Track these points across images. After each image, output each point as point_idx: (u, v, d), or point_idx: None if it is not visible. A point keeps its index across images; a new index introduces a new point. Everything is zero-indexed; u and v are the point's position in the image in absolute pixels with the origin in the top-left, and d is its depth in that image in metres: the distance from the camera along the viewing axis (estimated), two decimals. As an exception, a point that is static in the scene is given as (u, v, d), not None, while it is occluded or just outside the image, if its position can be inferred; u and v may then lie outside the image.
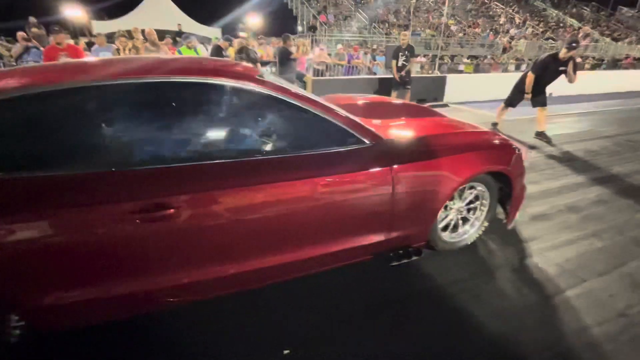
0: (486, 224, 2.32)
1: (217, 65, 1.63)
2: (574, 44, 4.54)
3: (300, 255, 1.65)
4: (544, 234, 2.51)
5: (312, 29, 16.11)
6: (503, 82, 6.12)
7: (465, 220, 2.29)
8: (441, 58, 16.05)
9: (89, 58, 4.37)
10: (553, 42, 19.73)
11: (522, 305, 1.85)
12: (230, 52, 6.56)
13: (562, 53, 4.62)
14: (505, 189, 2.25)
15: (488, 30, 21.86)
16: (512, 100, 5.32)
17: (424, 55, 15.51)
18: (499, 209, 2.40)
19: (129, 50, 5.34)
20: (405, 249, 1.96)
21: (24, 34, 6.05)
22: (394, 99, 3.13)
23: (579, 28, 23.22)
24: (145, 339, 1.58)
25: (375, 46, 14.14)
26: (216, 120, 1.54)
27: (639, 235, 2.51)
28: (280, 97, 1.55)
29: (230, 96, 1.50)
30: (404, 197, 1.79)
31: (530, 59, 17.61)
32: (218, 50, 6.14)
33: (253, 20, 22.21)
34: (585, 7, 30.03)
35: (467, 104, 8.06)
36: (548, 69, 4.76)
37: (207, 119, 1.51)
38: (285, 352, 1.52)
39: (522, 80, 5.09)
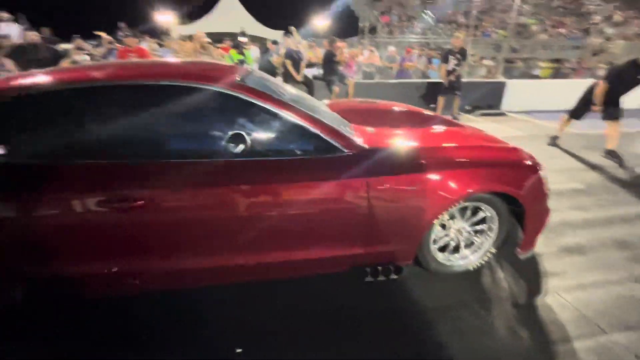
0: (493, 250, 2.07)
1: (198, 70, 1.73)
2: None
3: (266, 258, 1.67)
4: (570, 270, 2.15)
5: (372, 30, 15.89)
6: (579, 90, 5.24)
7: (470, 243, 2.08)
8: (512, 61, 14.61)
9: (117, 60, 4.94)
10: (662, 43, 16.57)
11: (511, 350, 1.62)
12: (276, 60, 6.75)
13: (644, 59, 3.88)
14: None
15: (576, 31, 19.25)
16: (578, 112, 4.64)
17: (492, 58, 14.26)
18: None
19: (184, 52, 5.90)
20: (385, 266, 1.84)
21: (109, 37, 7.04)
22: (408, 106, 2.92)
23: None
24: (124, 319, 1.75)
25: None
26: (188, 120, 1.61)
27: None
28: (255, 102, 1.58)
29: (203, 100, 1.57)
30: (382, 211, 1.70)
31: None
32: (289, 54, 6.17)
33: (318, 22, 22.73)
34: None
35: (530, 113, 7.20)
36: (625, 78, 4.04)
37: (181, 121, 1.60)
38: (238, 351, 1.56)
39: (590, 90, 4.40)
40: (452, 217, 1.96)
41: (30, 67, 4.84)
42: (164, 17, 21.10)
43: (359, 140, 1.72)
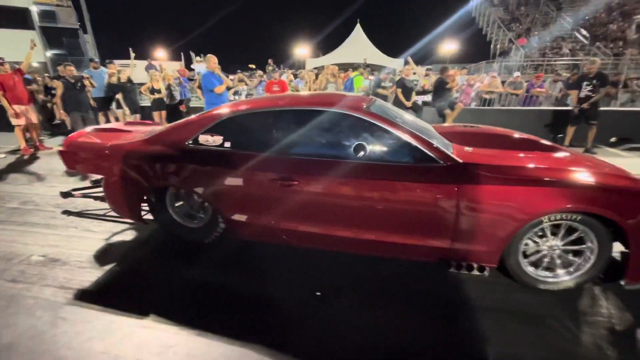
0: (587, 276, 2.04)
1: (335, 99, 2.45)
2: None
3: (375, 237, 2.20)
4: None
5: (503, 54, 14.77)
6: None
7: (568, 263, 2.10)
8: None
9: (284, 93, 6.31)
10: None
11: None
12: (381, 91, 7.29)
13: None
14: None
15: None
16: None
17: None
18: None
19: (313, 81, 7.15)
20: (470, 264, 2.12)
21: (260, 71, 9.12)
22: (513, 131, 2.93)
23: None
24: (250, 253, 2.58)
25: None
26: (333, 134, 2.27)
27: None
28: (375, 122, 2.18)
29: (340, 120, 2.25)
30: (468, 214, 1.98)
31: None
32: (400, 83, 6.79)
33: (448, 47, 22.38)
34: None
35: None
36: None
37: (328, 134, 2.28)
38: (317, 293, 2.13)
39: None
40: (543, 235, 2.06)
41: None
42: (301, 51, 24.91)
43: (454, 155, 2.09)
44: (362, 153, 2.13)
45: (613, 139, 6.44)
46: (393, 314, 1.98)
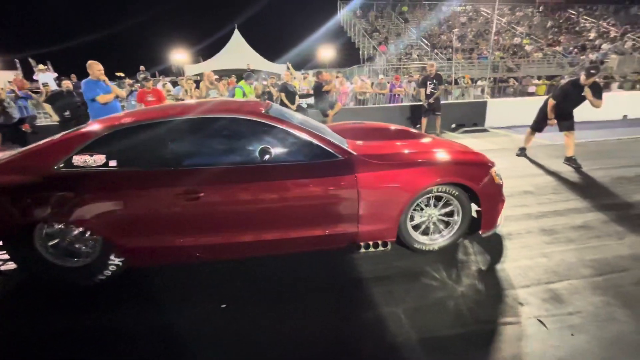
0: (460, 232, 2.56)
1: (237, 106, 2.44)
2: (592, 71, 4.31)
3: (287, 235, 2.28)
4: (501, 249, 2.63)
5: (370, 59, 16.99)
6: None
7: (441, 227, 2.58)
8: (505, 80, 15.21)
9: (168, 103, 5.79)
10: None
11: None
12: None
13: (582, 79, 4.41)
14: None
15: (572, 48, 19.82)
16: (538, 125, 5.13)
17: (488, 79, 14.91)
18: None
19: (194, 89, 6.79)
20: (376, 242, 2.44)
21: (129, 80, 8.13)
22: (389, 124, 3.68)
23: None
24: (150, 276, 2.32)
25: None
26: (235, 141, 2.27)
27: (595, 259, 2.43)
28: (276, 125, 2.26)
29: (241, 126, 2.25)
30: (367, 198, 2.27)
31: (622, 77, 15.39)
32: (283, 87, 7.02)
33: (324, 54, 24.18)
34: None
35: (511, 129, 7.70)
36: (569, 95, 4.56)
37: (227, 140, 2.27)
38: (223, 306, 2.07)
39: (545, 105, 4.92)
40: (427, 206, 2.49)
41: (64, 111, 5.73)
42: (179, 57, 23.10)
43: (350, 149, 2.36)
44: (267, 156, 2.17)
45: (453, 125, 8.19)
46: (295, 308, 2.09)
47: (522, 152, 5.40)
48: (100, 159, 2.10)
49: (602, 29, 21.66)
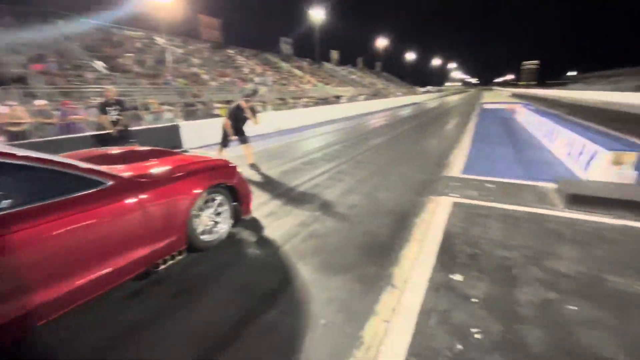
0: (231, 221, 3.27)
1: None
2: (248, 98, 5.80)
3: (83, 280, 1.95)
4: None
5: (20, 80, 12.78)
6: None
7: (217, 222, 3.11)
8: (193, 105, 16.82)
9: None
10: (287, 86, 25.10)
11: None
12: None
13: (242, 104, 5.79)
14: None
15: (236, 79, 25.07)
16: (224, 142, 6.14)
17: (177, 104, 15.68)
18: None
19: None
20: (172, 255, 2.59)
21: None
22: (142, 147, 3.84)
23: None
24: None
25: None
26: None
27: (279, 225, 3.38)
28: (24, 163, 1.81)
29: None
30: (153, 216, 2.33)
31: (273, 101, 21.63)
32: None
33: None
34: (305, 60, 40.51)
35: (207, 147, 8.67)
36: (237, 115, 5.84)
37: None
38: None
39: (224, 125, 5.97)
40: (201, 210, 2.88)
41: None
42: None
43: (120, 174, 2.29)
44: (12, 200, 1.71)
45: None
46: None
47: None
48: None
49: (251, 66, 29.04)
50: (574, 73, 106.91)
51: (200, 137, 8.90)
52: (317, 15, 39.10)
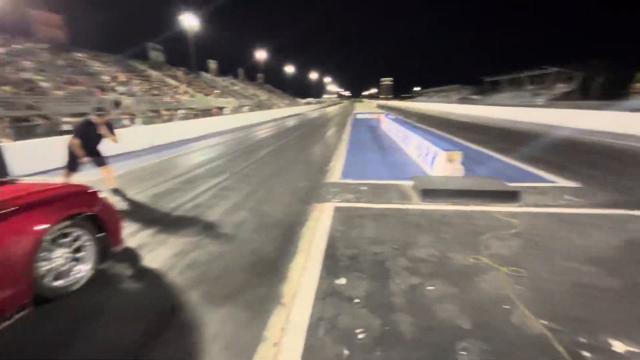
0: (96, 257, 2.73)
1: None
2: (101, 112, 4.89)
3: None
4: None
5: None
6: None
7: (78, 261, 2.61)
8: (29, 119, 13.34)
9: None
10: (159, 97, 22.54)
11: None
12: None
13: (95, 119, 4.85)
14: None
15: (93, 88, 21.12)
16: (71, 165, 5.00)
17: (2, 118, 12.12)
18: None
19: None
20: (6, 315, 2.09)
21: None
22: None
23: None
24: None
25: None
26: None
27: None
28: None
29: None
30: None
31: (142, 114, 19.04)
32: None
33: None
34: (180, 69, 37.35)
35: (52, 173, 6.90)
36: (89, 133, 4.85)
37: None
38: None
39: (71, 146, 4.86)
40: (50, 250, 2.35)
41: None
42: None
43: None
44: None
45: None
46: None
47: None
48: None
49: (112, 73, 25.00)
50: (418, 88, 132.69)
51: (40, 160, 7.04)
52: (190, 22, 36.77)
